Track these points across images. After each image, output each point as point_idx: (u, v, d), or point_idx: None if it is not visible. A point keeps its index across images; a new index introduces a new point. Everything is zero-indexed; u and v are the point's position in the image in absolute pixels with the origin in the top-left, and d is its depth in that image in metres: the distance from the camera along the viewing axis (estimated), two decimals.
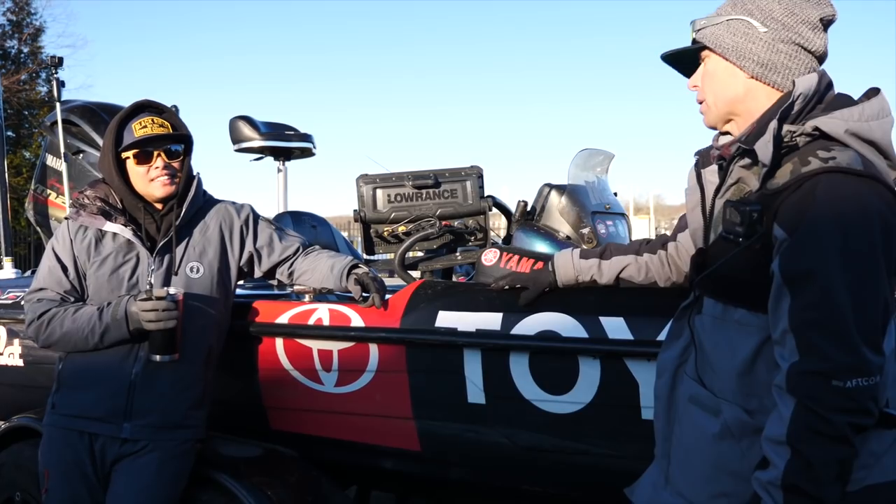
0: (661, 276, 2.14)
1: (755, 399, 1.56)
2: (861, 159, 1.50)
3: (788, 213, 1.47)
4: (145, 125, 2.48)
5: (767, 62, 1.63)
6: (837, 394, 1.38)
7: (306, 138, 4.45)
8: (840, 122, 1.53)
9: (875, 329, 1.42)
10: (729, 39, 1.66)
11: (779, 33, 1.62)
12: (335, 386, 2.59)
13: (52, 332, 2.43)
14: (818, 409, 1.39)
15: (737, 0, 1.68)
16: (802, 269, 1.43)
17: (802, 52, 1.63)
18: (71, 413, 2.46)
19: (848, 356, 1.39)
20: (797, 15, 1.62)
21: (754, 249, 1.52)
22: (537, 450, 2.39)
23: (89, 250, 2.50)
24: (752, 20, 1.64)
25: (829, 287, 1.41)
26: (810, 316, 1.42)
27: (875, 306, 1.42)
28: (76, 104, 4.23)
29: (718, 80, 1.69)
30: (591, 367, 2.25)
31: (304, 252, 2.74)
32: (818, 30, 1.64)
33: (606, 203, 2.97)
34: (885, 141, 1.56)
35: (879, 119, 1.56)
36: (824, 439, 1.40)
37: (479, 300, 2.41)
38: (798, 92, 1.57)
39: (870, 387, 1.39)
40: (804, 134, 1.54)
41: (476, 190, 2.84)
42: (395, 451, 2.61)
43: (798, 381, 1.42)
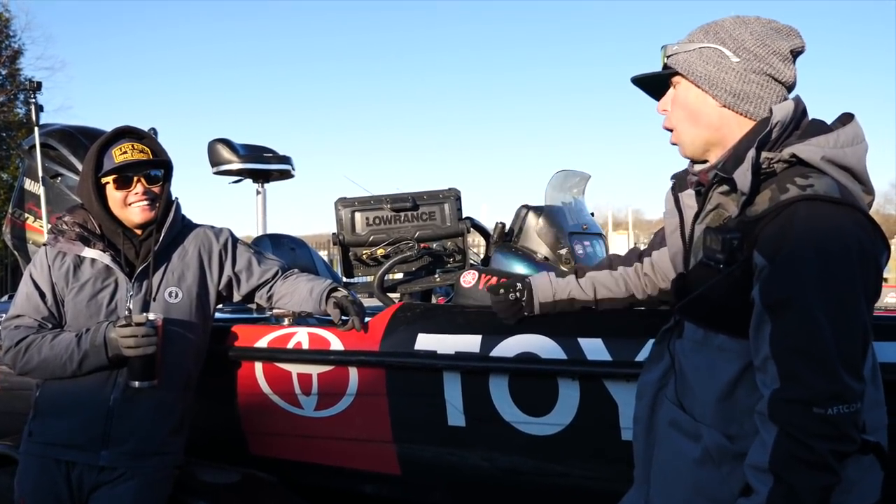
0: (638, 289, 2.14)
1: (735, 424, 1.57)
2: (838, 186, 1.51)
3: (768, 240, 1.48)
4: (126, 151, 2.48)
5: (739, 92, 1.64)
6: (819, 421, 1.39)
7: (285, 160, 4.46)
8: (816, 150, 1.54)
9: (855, 356, 1.43)
10: (701, 67, 1.67)
11: (751, 63, 1.64)
12: (315, 410, 2.59)
13: (29, 359, 2.41)
14: (800, 436, 1.40)
15: (709, 28, 1.70)
16: (782, 297, 1.44)
17: (773, 83, 1.65)
18: (48, 441, 2.44)
19: (829, 383, 1.39)
20: (769, 46, 1.64)
21: (735, 276, 1.54)
22: (517, 472, 2.40)
23: (67, 276, 2.49)
24: (725, 49, 1.65)
25: (809, 314, 1.42)
26: (791, 343, 1.43)
27: (855, 333, 1.43)
28: (54, 128, 4.21)
29: (690, 105, 1.70)
30: (570, 388, 2.27)
31: (283, 276, 2.73)
32: (788, 61, 1.66)
33: (583, 223, 2.99)
34: (860, 167, 1.58)
35: (854, 145, 1.58)
36: (807, 466, 1.40)
37: (459, 322, 2.43)
38: (776, 120, 1.58)
39: (851, 413, 1.40)
40: (782, 161, 1.56)
41: (454, 212, 2.85)
42: (374, 474, 2.61)
43: (780, 409, 1.42)
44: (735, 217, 1.58)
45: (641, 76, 1.78)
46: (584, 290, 2.20)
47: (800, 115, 1.62)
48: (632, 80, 1.80)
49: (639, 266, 2.13)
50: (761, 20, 1.68)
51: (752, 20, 1.68)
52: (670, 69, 1.72)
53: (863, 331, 1.44)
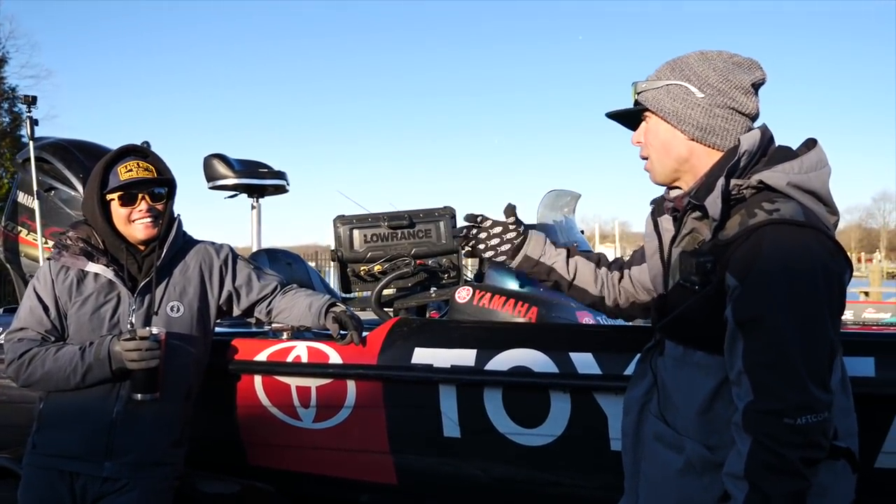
0: (610, 296, 2.19)
1: (715, 435, 1.65)
2: (802, 210, 1.60)
3: (738, 262, 1.57)
4: (131, 169, 2.54)
5: (706, 126, 1.74)
6: (789, 430, 1.47)
7: (280, 176, 4.52)
8: (782, 175, 1.64)
9: (822, 368, 1.52)
10: (669, 104, 1.76)
11: (715, 98, 1.73)
12: (313, 422, 2.66)
13: (32, 372, 2.46)
14: (772, 445, 1.48)
15: (674, 65, 1.79)
16: (753, 315, 1.54)
17: (737, 115, 1.74)
18: (51, 452, 2.49)
19: (798, 395, 1.48)
20: (731, 81, 1.73)
21: (710, 296, 1.63)
22: (511, 481, 2.48)
23: (71, 290, 2.54)
24: (690, 86, 1.75)
25: (778, 331, 1.51)
26: (762, 358, 1.52)
27: (821, 347, 1.52)
28: (48, 141, 4.25)
29: (661, 139, 1.80)
30: (561, 400, 2.36)
31: (282, 291, 2.80)
32: (750, 94, 1.75)
33: (574, 241, 3.08)
34: (824, 190, 1.68)
35: (818, 170, 1.68)
36: (779, 473, 1.48)
37: (454, 337, 2.51)
38: (743, 149, 1.68)
39: (819, 423, 1.48)
40: (750, 187, 1.66)
41: (449, 230, 2.94)
42: (371, 484, 2.68)
43: (753, 420, 1.51)
44: (708, 241, 1.68)
45: (615, 112, 1.89)
46: (567, 268, 2.23)
47: (766, 143, 1.72)
48: (606, 114, 1.90)
49: (616, 275, 2.20)
50: (723, 55, 1.78)
51: (714, 56, 1.77)
52: (641, 105, 1.82)
53: (828, 345, 1.53)
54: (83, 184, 4.05)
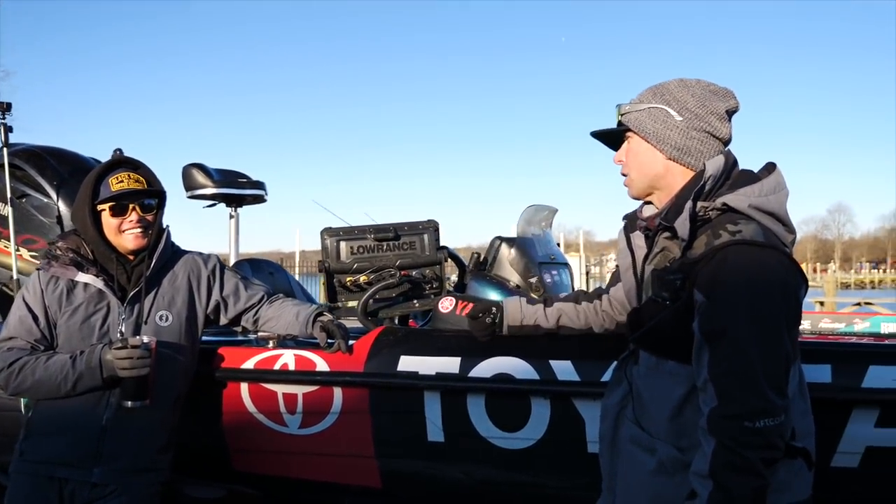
0: (596, 323, 2.37)
1: (685, 438, 1.78)
2: (762, 230, 1.75)
3: (705, 279, 1.71)
4: (122, 180, 2.60)
5: (683, 147, 1.87)
6: (749, 433, 1.60)
7: (258, 186, 4.56)
8: (744, 198, 1.78)
9: (779, 376, 1.65)
10: (650, 125, 1.90)
11: (692, 122, 1.87)
12: (299, 428, 2.73)
13: (23, 380, 2.49)
14: (734, 446, 1.61)
15: (656, 90, 1.93)
16: (717, 328, 1.67)
17: (712, 139, 1.88)
18: (40, 459, 2.52)
19: (757, 400, 1.61)
20: (707, 107, 1.87)
21: (679, 311, 1.77)
22: (493, 484, 2.58)
23: (61, 300, 2.58)
24: (670, 109, 1.88)
25: (739, 342, 1.64)
26: (725, 367, 1.65)
27: (779, 357, 1.65)
28: (20, 148, 4.24)
29: (641, 157, 1.93)
30: (542, 406, 2.47)
31: (269, 300, 2.87)
32: (724, 120, 1.89)
33: (551, 254, 3.21)
34: (781, 211, 1.82)
35: (776, 193, 1.82)
36: (740, 472, 1.61)
37: (439, 345, 2.60)
38: (708, 174, 1.82)
39: (776, 426, 1.62)
40: (715, 209, 1.80)
41: (433, 242, 3.04)
42: (356, 488, 2.75)
43: (716, 424, 1.64)
44: (678, 259, 1.81)
45: (599, 131, 2.03)
46: (548, 318, 2.42)
47: (730, 167, 1.86)
48: (591, 134, 2.04)
49: (598, 303, 2.36)
50: (701, 83, 1.91)
51: (693, 83, 1.91)
52: (624, 126, 1.95)
53: (785, 355, 1.66)
54: (56, 191, 4.06)
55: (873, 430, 2.26)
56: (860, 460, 2.28)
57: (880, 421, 2.26)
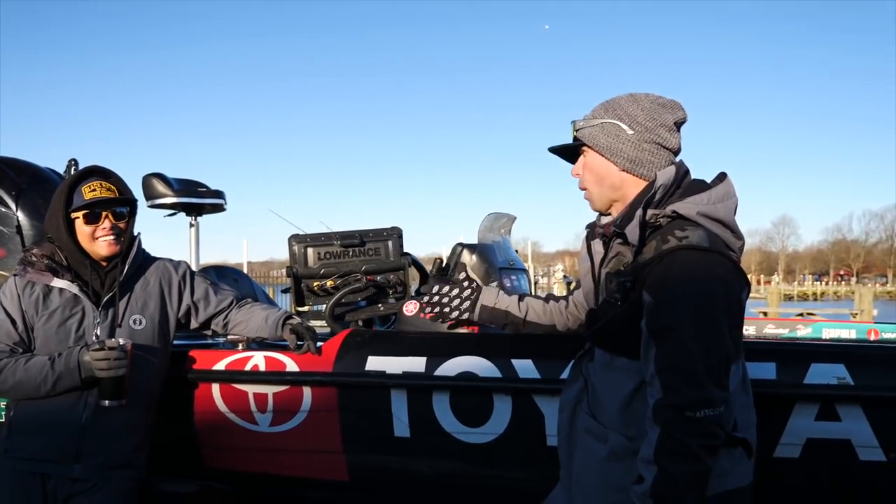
0: (560, 322, 2.53)
1: (634, 428, 1.91)
2: (708, 236, 1.86)
3: (653, 282, 1.84)
4: (94, 188, 2.68)
5: (635, 159, 1.99)
6: (690, 422, 1.73)
7: (218, 195, 4.63)
8: (693, 206, 1.90)
9: (719, 371, 1.77)
10: (603, 140, 2.01)
11: (643, 135, 1.99)
12: (269, 425, 2.84)
13: (4, 381, 2.57)
14: (675, 434, 1.74)
15: (608, 105, 2.04)
16: (663, 326, 1.80)
17: (662, 150, 2.00)
18: (23, 456, 2.61)
19: (697, 393, 1.74)
20: (657, 120, 1.99)
21: (630, 310, 1.90)
22: (457, 476, 2.71)
23: (37, 304, 2.66)
24: (622, 124, 2.00)
25: (682, 340, 1.76)
26: (669, 362, 1.78)
27: (719, 353, 1.78)
28: None
29: (597, 170, 2.05)
30: (503, 402, 2.61)
31: (238, 305, 2.98)
32: (673, 131, 2.01)
33: (510, 260, 3.36)
34: (729, 218, 1.94)
35: (724, 201, 1.94)
36: (681, 458, 1.74)
37: (406, 346, 2.74)
38: (659, 183, 1.94)
39: (716, 416, 1.74)
40: (665, 216, 1.92)
41: (397, 248, 3.18)
42: (325, 482, 2.86)
43: (660, 414, 1.77)
44: (630, 263, 1.95)
45: (556, 147, 2.15)
46: (519, 308, 2.56)
47: (682, 177, 1.98)
48: (549, 149, 2.17)
49: (563, 303, 2.52)
50: (650, 97, 2.03)
51: (642, 97, 2.02)
52: (579, 141, 2.08)
53: (725, 351, 1.79)
54: (15, 201, 4.09)
55: (814, 423, 2.42)
56: (801, 451, 2.43)
57: (820, 415, 2.41)
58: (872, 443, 2.39)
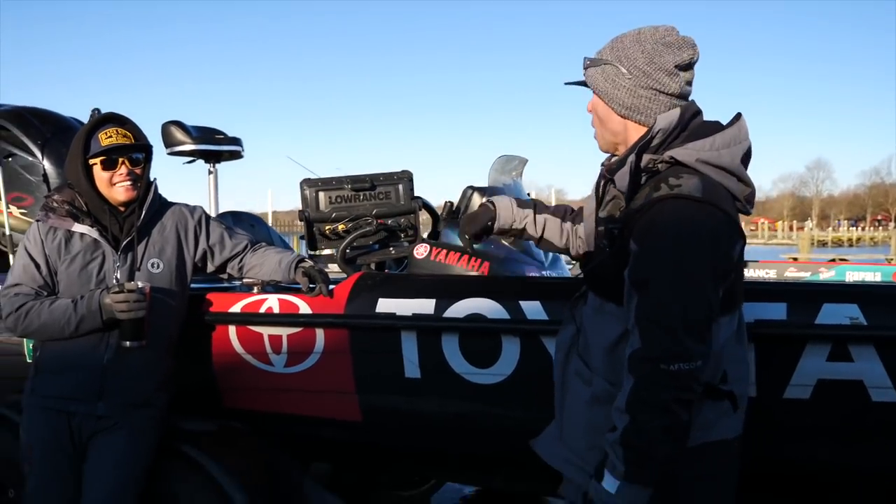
0: (573, 247, 2.45)
1: (617, 374, 1.88)
2: (703, 185, 1.79)
3: (639, 230, 1.80)
4: (111, 135, 2.74)
5: (631, 105, 1.92)
6: (664, 375, 1.72)
7: (235, 142, 4.69)
8: (692, 153, 1.83)
9: (698, 325, 1.74)
10: (602, 83, 1.95)
11: (639, 80, 1.90)
12: (284, 366, 2.91)
13: (30, 323, 2.67)
14: (648, 385, 1.74)
15: (613, 44, 1.96)
16: (644, 277, 1.78)
17: (660, 95, 1.90)
18: (50, 394, 2.72)
19: (673, 346, 1.72)
20: (655, 63, 1.88)
21: (617, 258, 1.87)
22: (465, 416, 2.77)
23: (59, 249, 2.74)
24: (621, 67, 1.91)
25: (661, 292, 1.74)
26: (647, 313, 1.76)
27: (699, 308, 1.74)
28: (4, 108, 4.33)
29: (600, 113, 2.01)
30: (512, 343, 2.64)
31: (252, 248, 3.04)
32: (674, 74, 1.89)
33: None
34: (734, 165, 1.85)
35: (731, 147, 1.85)
36: (652, 409, 1.74)
37: (415, 288, 2.78)
38: (657, 128, 1.87)
39: (690, 370, 1.72)
40: (664, 161, 1.86)
41: (407, 192, 3.21)
42: (338, 421, 2.93)
43: (636, 364, 1.77)
44: (623, 209, 1.92)
45: (569, 83, 2.10)
46: (535, 226, 2.48)
47: (688, 120, 1.88)
48: (564, 84, 2.12)
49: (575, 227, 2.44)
50: (658, 34, 1.92)
51: (647, 36, 1.92)
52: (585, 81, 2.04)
53: (705, 306, 1.75)
54: (41, 150, 4.18)
55: (825, 363, 2.39)
56: (812, 392, 2.41)
57: (832, 355, 2.38)
58: (885, 383, 2.36)
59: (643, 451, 1.77)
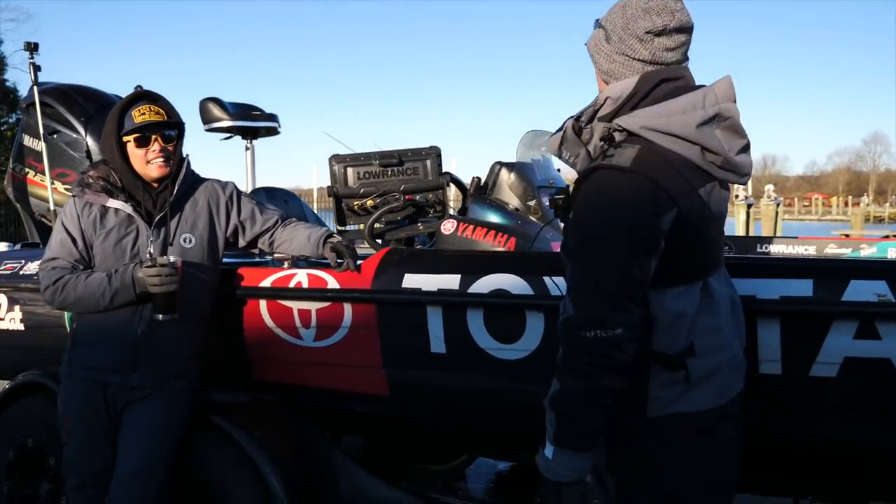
0: None
1: None
2: (637, 155, 1.77)
3: (573, 201, 1.86)
4: (144, 112, 2.79)
5: (608, 70, 1.91)
6: (582, 342, 1.76)
7: (272, 118, 4.75)
8: (637, 120, 1.82)
9: (617, 294, 1.75)
10: (592, 47, 1.96)
11: (616, 46, 1.89)
12: (313, 340, 2.95)
13: (66, 296, 2.75)
14: (568, 351, 1.81)
15: (610, 9, 1.94)
16: (568, 247, 1.85)
17: (633, 62, 1.87)
18: (86, 365, 2.81)
19: (591, 313, 1.75)
20: (629, 29, 1.86)
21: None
22: (490, 391, 2.79)
23: (95, 224, 2.81)
24: (604, 33, 1.92)
25: (581, 261, 1.81)
26: (571, 281, 1.83)
27: (616, 276, 1.75)
28: (50, 86, 4.44)
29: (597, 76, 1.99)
30: (536, 319, 2.64)
31: (283, 224, 3.08)
32: (645, 41, 1.85)
33: (550, 178, 3.33)
34: (687, 132, 1.80)
35: (686, 113, 1.80)
36: (573, 374, 1.80)
37: (440, 264, 2.79)
38: (605, 95, 1.88)
39: (609, 338, 1.74)
40: (617, 130, 1.85)
41: (435, 167, 3.21)
42: (366, 395, 2.97)
43: (562, 329, 1.83)
44: None
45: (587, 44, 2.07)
46: None
47: (651, 87, 1.84)
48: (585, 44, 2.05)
49: None
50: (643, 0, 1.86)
51: (634, 1, 1.87)
52: None
53: (625, 275, 1.75)
54: (84, 126, 4.28)
55: (852, 341, 2.34)
56: (838, 370, 2.37)
57: (859, 333, 2.33)
58: None
59: (568, 415, 1.83)
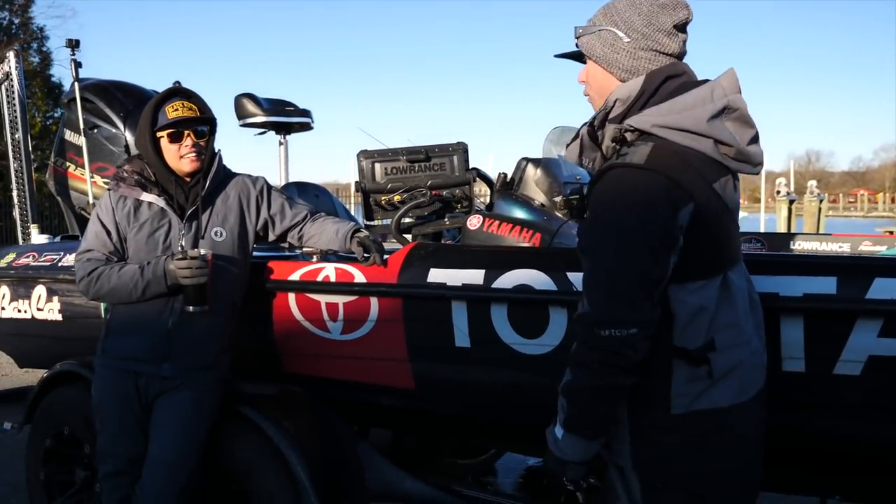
0: None
1: None
2: (650, 152, 1.78)
3: (590, 200, 1.88)
4: (177, 108, 2.86)
5: (631, 68, 1.90)
6: (595, 339, 1.79)
7: (305, 114, 4.81)
8: (647, 119, 1.83)
9: (632, 293, 1.76)
10: (599, 49, 1.94)
11: (639, 42, 1.89)
12: (341, 334, 2.99)
13: (101, 287, 2.83)
14: (581, 346, 1.84)
15: (606, 10, 1.95)
16: (584, 246, 1.86)
17: (660, 56, 1.89)
18: (119, 356, 2.89)
19: (606, 312, 1.78)
20: (654, 24, 1.87)
21: None
22: (514, 386, 2.80)
23: (129, 217, 2.89)
24: (618, 31, 1.90)
25: (597, 260, 1.82)
26: (589, 279, 1.84)
27: (632, 275, 1.76)
28: (90, 82, 4.55)
29: (598, 80, 1.98)
30: (559, 314, 2.65)
31: (312, 218, 3.13)
32: (672, 34, 1.89)
33: (577, 175, 3.34)
34: (699, 126, 1.81)
35: (694, 108, 1.82)
36: (583, 368, 1.84)
37: (465, 259, 2.81)
38: (613, 98, 1.89)
39: (623, 337, 1.76)
40: (629, 130, 1.86)
41: (462, 163, 3.23)
42: (392, 389, 3.01)
43: (576, 325, 1.87)
44: None
45: (560, 55, 2.10)
46: None
47: (658, 85, 1.86)
48: (554, 56, 2.12)
49: None
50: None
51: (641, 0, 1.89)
52: (580, 49, 2.02)
53: (641, 274, 1.76)
54: (123, 122, 4.38)
55: (876, 339, 2.30)
56: (862, 368, 2.34)
57: (884, 331, 2.29)
58: None
59: (578, 406, 1.88)
